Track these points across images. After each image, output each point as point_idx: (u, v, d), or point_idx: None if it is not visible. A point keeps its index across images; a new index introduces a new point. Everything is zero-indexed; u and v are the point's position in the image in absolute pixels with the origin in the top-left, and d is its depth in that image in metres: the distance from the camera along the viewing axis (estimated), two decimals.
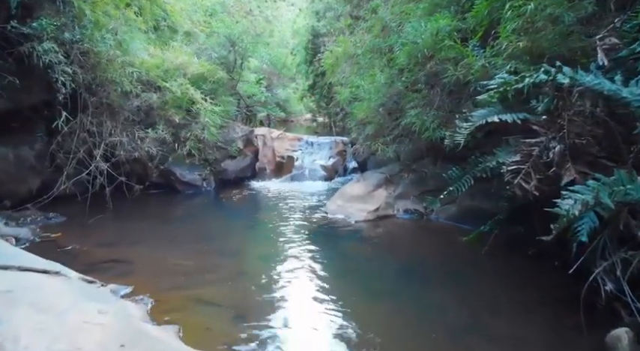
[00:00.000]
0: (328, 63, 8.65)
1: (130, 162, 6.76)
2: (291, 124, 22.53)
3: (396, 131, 6.38)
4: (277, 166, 9.91)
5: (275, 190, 7.72)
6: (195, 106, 6.46)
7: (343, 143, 10.07)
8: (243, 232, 5.31)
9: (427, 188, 6.00)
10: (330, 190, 7.77)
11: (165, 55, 7.17)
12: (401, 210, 5.80)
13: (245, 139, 8.39)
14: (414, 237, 5.10)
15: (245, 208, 6.67)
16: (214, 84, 7.30)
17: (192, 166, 7.71)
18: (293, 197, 7.17)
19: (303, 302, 3.43)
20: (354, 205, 5.75)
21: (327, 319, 3.11)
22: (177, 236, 5.15)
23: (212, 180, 7.84)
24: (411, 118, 5.83)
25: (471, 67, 4.28)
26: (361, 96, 6.73)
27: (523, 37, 3.81)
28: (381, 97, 6.40)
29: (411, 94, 6.16)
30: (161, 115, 6.88)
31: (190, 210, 6.60)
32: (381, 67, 6.77)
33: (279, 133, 10.82)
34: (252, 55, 8.72)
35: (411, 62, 5.37)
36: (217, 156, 7.97)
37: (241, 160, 8.11)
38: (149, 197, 7.08)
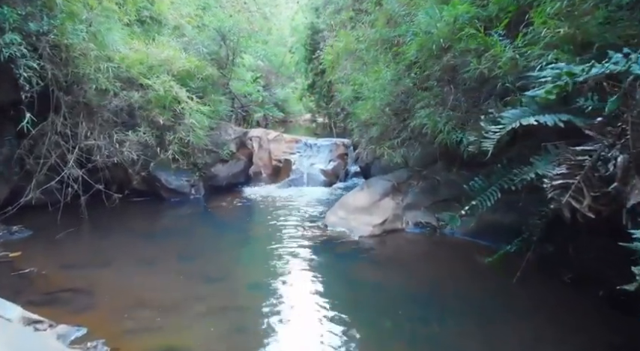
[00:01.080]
0: (328, 59, 7.99)
1: (110, 167, 6.11)
2: (289, 125, 21.90)
3: (404, 134, 5.71)
4: (274, 170, 9.25)
5: (270, 198, 7.05)
6: (180, 105, 5.79)
7: (344, 146, 9.41)
8: (232, 251, 4.64)
9: (440, 198, 5.34)
10: (331, 197, 7.11)
11: (149, 50, 6.50)
12: (411, 223, 5.14)
13: (238, 142, 7.72)
14: (428, 257, 4.43)
15: (236, 220, 6.01)
16: (203, 81, 6.64)
17: (180, 172, 7.05)
18: (289, 206, 6.51)
19: (299, 348, 2.77)
20: (357, 218, 5.09)
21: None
22: (156, 256, 4.48)
23: (201, 186, 7.18)
24: (420, 119, 5.18)
25: (496, 59, 3.61)
26: (365, 94, 6.06)
27: (564, 22, 3.15)
28: (387, 95, 5.73)
29: (420, 92, 5.50)
30: (144, 115, 6.21)
31: (175, 222, 5.93)
32: (386, 63, 6.11)
33: (275, 135, 10.17)
34: (245, 50, 8.05)
35: (423, 55, 4.71)
36: (207, 160, 7.30)
37: (234, 164, 7.44)
38: (131, 206, 6.41)
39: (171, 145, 5.87)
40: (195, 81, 6.44)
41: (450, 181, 5.39)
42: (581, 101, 2.88)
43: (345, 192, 7.36)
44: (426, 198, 5.36)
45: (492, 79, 3.81)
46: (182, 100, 5.73)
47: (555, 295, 3.49)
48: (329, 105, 11.27)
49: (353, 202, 5.41)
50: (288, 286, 3.66)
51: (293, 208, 6.39)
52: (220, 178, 7.32)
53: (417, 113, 5.43)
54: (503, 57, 3.52)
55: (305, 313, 3.25)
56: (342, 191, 7.46)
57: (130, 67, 6.15)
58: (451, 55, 4.18)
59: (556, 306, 3.32)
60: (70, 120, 5.93)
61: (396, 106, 5.91)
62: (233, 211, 6.45)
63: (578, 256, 3.82)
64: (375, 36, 6.62)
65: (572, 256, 3.83)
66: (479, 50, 3.88)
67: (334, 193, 7.34)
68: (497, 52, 3.57)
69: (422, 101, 5.45)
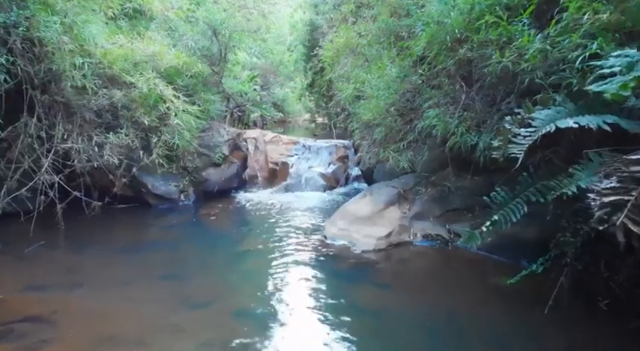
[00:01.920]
0: (328, 56, 7.50)
1: (91, 173, 5.61)
2: (288, 125, 21.44)
3: (411, 136, 5.22)
4: (270, 174, 8.76)
5: (265, 204, 6.55)
6: (165, 104, 5.29)
7: (344, 148, 8.92)
8: (220, 269, 4.14)
9: (451, 207, 4.86)
10: (330, 203, 6.61)
11: (134, 46, 5.99)
12: (419, 235, 4.65)
13: (231, 144, 7.22)
14: (440, 276, 3.94)
15: (227, 231, 5.51)
16: (192, 79, 6.14)
17: (168, 176, 6.55)
18: (285, 214, 6.01)
19: None
20: (359, 229, 4.60)
21: None
22: (136, 274, 3.99)
23: (191, 192, 6.69)
24: (429, 120, 4.70)
25: (522, 51, 3.12)
26: (367, 93, 5.57)
27: (607, 6, 2.66)
28: (392, 94, 5.24)
29: (429, 91, 5.02)
30: (127, 116, 5.71)
31: (160, 233, 5.42)
32: (391, 59, 5.62)
33: (272, 136, 9.67)
34: (239, 45, 7.53)
35: (434, 49, 4.22)
36: (198, 164, 6.81)
37: (226, 168, 6.95)
38: (114, 214, 5.92)
39: (156, 148, 5.35)
40: (184, 78, 5.93)
41: (461, 188, 4.91)
42: (632, 101, 2.39)
43: (345, 198, 6.87)
44: (436, 207, 4.87)
45: (517, 75, 3.32)
46: (167, 98, 5.22)
47: (592, 326, 3.00)
48: (328, 105, 10.78)
49: (355, 212, 4.91)
50: (281, 314, 3.17)
51: (289, 216, 5.89)
52: (212, 183, 6.82)
53: (424, 113, 4.96)
54: (531, 48, 3.03)
55: (301, 348, 2.76)
56: (343, 197, 6.97)
57: (113, 63, 5.64)
58: (467, 47, 3.68)
59: (596, 341, 2.83)
60: (45, 121, 5.43)
61: (402, 106, 5.43)
62: (224, 219, 5.95)
63: (613, 277, 3.35)
64: (378, 28, 6.14)
65: (606, 276, 3.36)
66: (500, 42, 3.39)
67: (334, 199, 6.85)
68: (524, 43, 3.07)
69: (430, 100, 4.98)
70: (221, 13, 6.69)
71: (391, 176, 5.70)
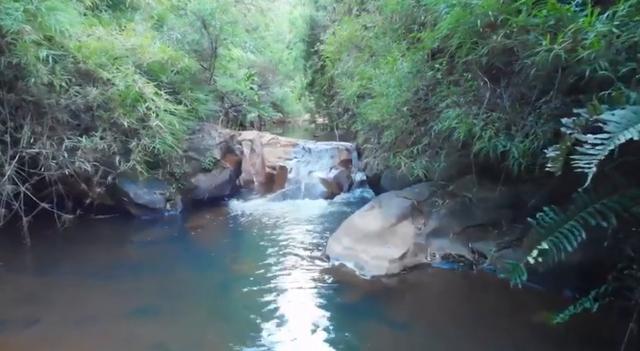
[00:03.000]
0: (330, 51, 6.85)
1: (64, 180, 4.97)
2: (288, 126, 20.84)
3: (425, 139, 4.58)
4: (267, 179, 8.11)
5: (260, 214, 5.90)
6: (145, 104, 4.63)
7: (347, 150, 8.27)
8: (205, 301, 3.48)
9: (473, 222, 4.22)
10: (333, 213, 5.96)
11: (114, 38, 5.35)
12: (438, 256, 4.00)
13: (224, 147, 6.57)
14: (466, 310, 3.28)
15: (216, 247, 4.85)
16: (179, 75, 5.49)
17: (152, 183, 5.90)
18: (283, 226, 5.37)
19: None
20: (368, 249, 3.95)
21: None
22: (104, 307, 3.34)
23: (179, 200, 6.03)
24: (449, 122, 4.06)
25: (580, 36, 2.47)
26: (375, 91, 4.93)
27: None
28: (403, 91, 4.60)
29: (447, 88, 4.38)
30: (104, 117, 5.06)
31: (140, 250, 4.76)
32: (401, 52, 4.97)
33: (270, 138, 9.02)
34: (231, 39, 6.87)
35: (457, 37, 3.56)
36: (186, 169, 6.16)
37: (218, 174, 6.30)
38: (91, 227, 5.29)
39: (134, 153, 4.70)
40: (169, 74, 5.28)
41: (484, 200, 4.26)
42: None
43: (349, 207, 6.23)
44: (456, 222, 4.22)
45: (567, 67, 2.67)
46: (147, 97, 4.57)
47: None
48: (330, 104, 10.14)
49: (362, 227, 4.26)
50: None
51: (286, 229, 5.24)
52: (201, 191, 6.17)
53: (442, 114, 4.32)
54: (592, 33, 2.37)
55: None
56: (346, 205, 6.33)
57: (89, 57, 5.00)
58: (504, 33, 3.02)
59: None
60: (11, 123, 4.79)
61: (415, 105, 4.78)
62: (214, 233, 5.30)
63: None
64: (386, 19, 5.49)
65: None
66: (546, 26, 2.73)
67: (337, 209, 6.20)
68: (582, 26, 2.42)
69: (448, 99, 4.34)
70: (212, 3, 6.02)
71: (402, 184, 5.06)
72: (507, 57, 3.31)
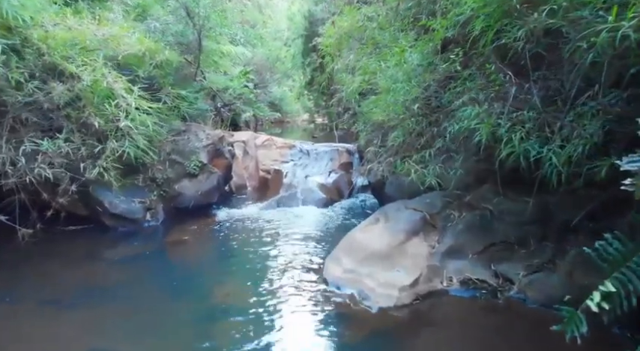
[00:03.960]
0: (329, 44, 6.24)
1: (25, 188, 4.37)
2: (287, 126, 20.25)
3: (439, 142, 3.97)
4: (261, 183, 7.50)
5: (251, 225, 5.29)
6: (114, 101, 4.02)
7: (348, 152, 7.65)
8: (177, 338, 2.87)
9: (496, 239, 3.60)
10: (332, 224, 5.34)
11: (85, 27, 4.74)
12: (455, 280, 3.38)
13: (212, 150, 5.96)
14: (493, 349, 2.66)
15: (198, 267, 4.24)
16: (158, 69, 4.87)
17: (131, 190, 5.29)
18: (276, 239, 4.75)
19: None
20: (373, 273, 3.33)
21: None
22: (52, 345, 2.72)
23: (160, 209, 5.42)
24: (468, 122, 3.45)
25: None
26: (380, 86, 4.32)
27: None
28: (413, 87, 3.99)
29: (462, 82, 3.78)
30: (73, 116, 4.45)
31: (112, 270, 4.13)
32: (410, 42, 4.36)
33: (265, 139, 8.41)
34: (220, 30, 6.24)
35: (483, 20, 2.95)
36: (169, 174, 5.54)
37: (204, 180, 5.68)
38: (59, 240, 4.68)
39: (101, 159, 4.08)
40: (147, 68, 4.67)
41: (507, 213, 3.65)
42: None
43: (350, 216, 5.61)
44: (475, 239, 3.61)
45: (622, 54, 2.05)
46: (117, 93, 3.95)
47: None
48: (329, 103, 9.53)
49: (366, 244, 3.65)
50: None
51: (279, 243, 4.63)
52: (186, 198, 5.55)
53: (457, 112, 3.72)
54: None
55: None
56: (347, 215, 5.71)
57: (54, 49, 4.39)
58: (548, 9, 2.40)
59: None
60: None
61: (426, 103, 4.17)
62: (198, 248, 4.69)
63: None
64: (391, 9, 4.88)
65: None
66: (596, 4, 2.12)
67: (336, 219, 5.58)
68: None
69: (465, 95, 3.74)
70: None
71: (410, 193, 4.43)
72: (552, 40, 2.69)
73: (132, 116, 3.90)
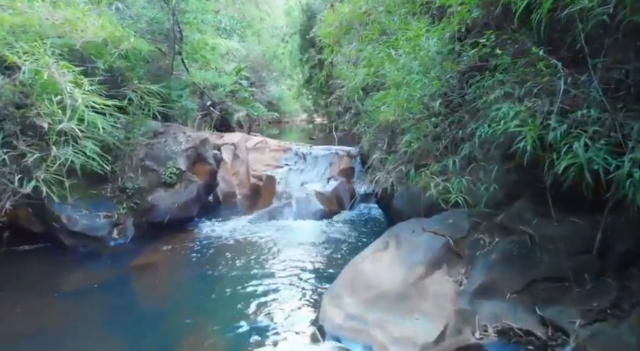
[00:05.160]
0: (328, 33, 5.45)
1: None
2: (285, 126, 19.54)
3: (465, 149, 3.17)
4: (252, 191, 6.71)
5: (235, 244, 4.51)
6: (57, 97, 3.22)
7: (349, 156, 6.88)
8: None
9: (541, 273, 2.80)
10: (332, 244, 4.55)
11: (36, 10, 3.95)
12: (491, 330, 2.58)
13: (192, 155, 5.17)
14: None
15: (166, 300, 3.44)
16: (124, 60, 4.08)
17: (96, 202, 4.54)
18: (262, 264, 3.97)
19: None
20: (385, 321, 2.55)
21: None
22: None
23: (129, 225, 4.64)
24: (505, 123, 2.69)
25: None
26: (389, 79, 3.53)
27: None
28: (433, 79, 3.20)
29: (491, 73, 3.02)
30: (15, 116, 3.66)
31: (59, 305, 3.33)
32: (426, 25, 3.57)
33: (257, 141, 7.62)
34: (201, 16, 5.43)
35: None
36: (142, 183, 4.77)
37: (182, 189, 4.89)
38: (6, 264, 3.91)
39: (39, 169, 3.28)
40: (108, 59, 3.88)
41: (553, 238, 2.86)
42: None
43: (352, 232, 4.83)
44: (513, 273, 2.81)
45: None
46: (62, 88, 3.15)
47: None
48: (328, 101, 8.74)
49: (373, 279, 2.87)
50: None
51: (269, 267, 3.85)
52: (161, 211, 4.76)
53: (489, 111, 2.96)
54: None
55: None
56: (349, 230, 4.93)
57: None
58: None
59: None
60: None
61: (446, 99, 3.38)
62: (168, 274, 3.90)
63: None
64: None
65: None
66: None
67: (337, 235, 4.80)
68: None
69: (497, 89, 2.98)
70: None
71: (425, 208, 3.63)
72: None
73: (79, 115, 3.11)
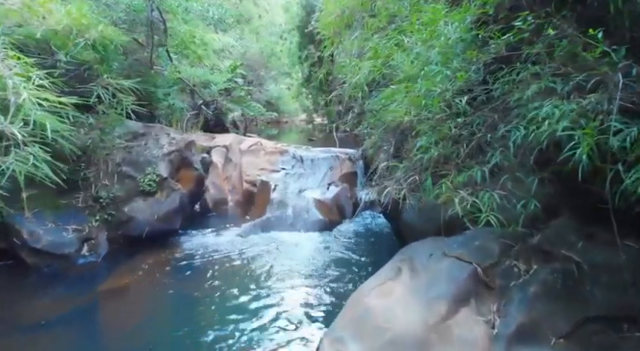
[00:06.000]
0: (328, 23, 4.89)
1: None
2: (284, 126, 19.03)
3: (495, 156, 2.60)
4: (245, 197, 6.15)
5: (223, 263, 3.94)
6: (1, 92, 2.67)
7: (351, 160, 6.32)
8: None
9: (592, 311, 2.24)
10: (333, 263, 3.99)
11: None
12: None
13: (176, 159, 4.62)
14: None
15: (135, 337, 2.87)
16: (94, 51, 3.53)
17: (65, 214, 4.00)
18: (250, 289, 3.41)
19: None
20: None
21: None
22: None
23: (102, 240, 4.09)
24: (549, 126, 2.15)
25: None
26: (403, 72, 2.96)
27: None
28: (458, 71, 2.64)
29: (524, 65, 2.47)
30: None
31: (7, 344, 2.78)
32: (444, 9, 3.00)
33: (251, 143, 7.06)
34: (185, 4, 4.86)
35: None
36: (118, 192, 4.22)
37: (163, 199, 4.33)
38: None
39: None
40: (70, 50, 3.32)
41: (605, 267, 2.31)
42: None
43: (356, 248, 4.27)
44: (559, 311, 2.25)
45: None
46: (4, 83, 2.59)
47: None
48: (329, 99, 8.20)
49: (384, 319, 2.31)
50: None
51: (259, 297, 3.28)
52: (138, 224, 4.20)
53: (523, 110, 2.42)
54: None
55: None
56: (352, 245, 4.37)
57: None
58: None
59: None
60: None
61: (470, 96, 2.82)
62: (142, 301, 3.33)
63: None
64: None
65: None
66: None
67: (339, 251, 4.23)
68: None
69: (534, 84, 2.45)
70: None
71: (444, 224, 3.06)
72: None
73: (24, 113, 2.54)
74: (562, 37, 2.52)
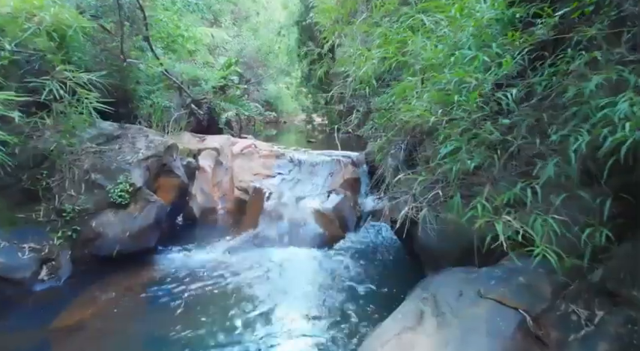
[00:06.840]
0: (328, 9, 4.29)
1: None
2: (283, 127, 18.44)
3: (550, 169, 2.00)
4: (236, 206, 5.55)
5: (206, 288, 3.35)
6: None
7: (354, 164, 5.72)
8: None
9: None
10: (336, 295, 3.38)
11: None
12: None
13: (154, 165, 4.02)
14: None
15: None
16: (48, 39, 2.93)
17: (22, 230, 3.42)
18: (236, 331, 2.81)
19: None
20: None
21: None
22: None
23: (65, 261, 3.49)
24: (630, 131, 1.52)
25: None
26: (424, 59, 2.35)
27: None
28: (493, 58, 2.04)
29: (577, 53, 1.86)
30: None
31: None
32: None
33: (245, 146, 6.46)
34: None
35: None
36: (85, 204, 3.62)
37: (136, 212, 3.72)
38: None
39: None
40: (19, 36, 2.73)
41: None
42: None
43: (362, 270, 3.67)
44: None
45: None
46: None
47: None
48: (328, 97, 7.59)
49: None
50: None
51: (243, 338, 2.68)
52: (108, 241, 3.59)
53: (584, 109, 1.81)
54: None
55: None
56: (357, 266, 3.77)
57: None
58: None
59: None
60: None
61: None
62: (104, 343, 2.73)
63: None
64: None
65: None
66: None
67: (342, 274, 3.64)
68: None
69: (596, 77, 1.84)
70: None
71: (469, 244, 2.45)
72: None
73: None
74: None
